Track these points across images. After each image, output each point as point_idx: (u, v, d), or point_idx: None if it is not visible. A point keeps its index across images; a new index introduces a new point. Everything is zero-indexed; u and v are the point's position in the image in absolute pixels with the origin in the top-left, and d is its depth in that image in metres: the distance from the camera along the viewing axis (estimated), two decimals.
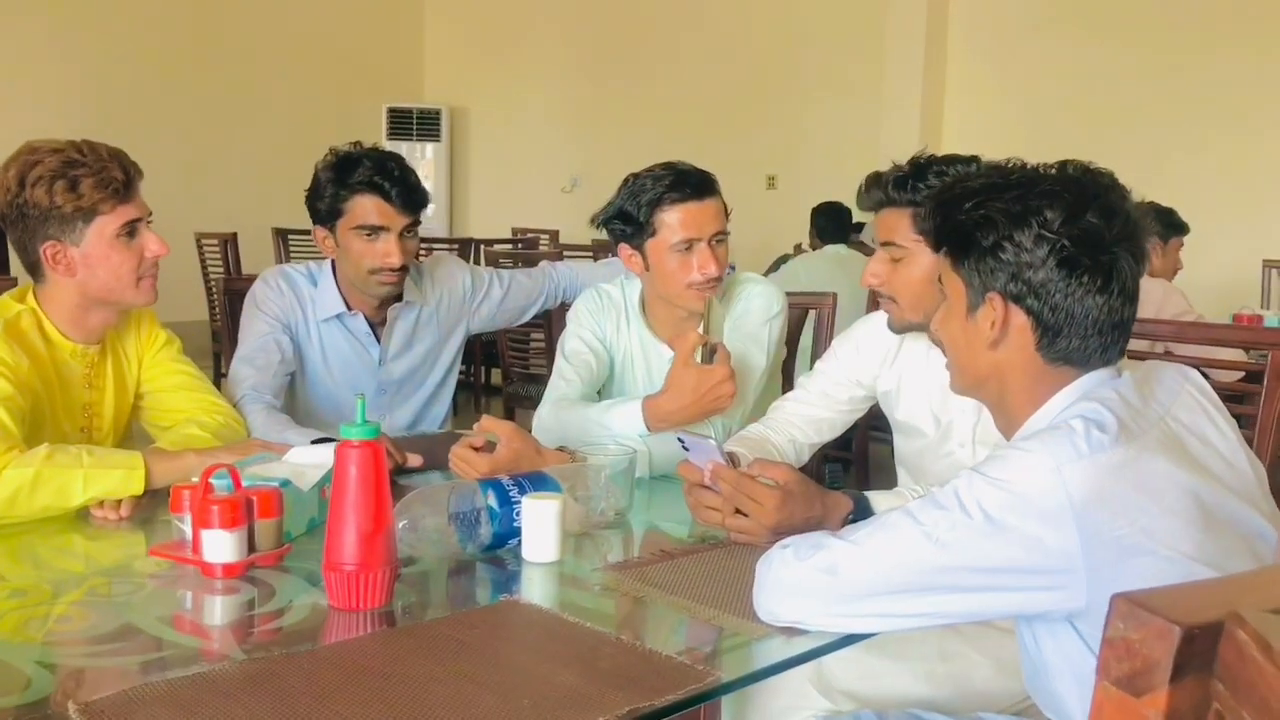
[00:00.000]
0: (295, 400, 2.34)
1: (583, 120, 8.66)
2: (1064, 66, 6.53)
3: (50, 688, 1.14)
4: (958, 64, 6.97)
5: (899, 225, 1.77)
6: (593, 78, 8.63)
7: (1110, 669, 0.57)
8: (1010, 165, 1.34)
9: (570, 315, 2.29)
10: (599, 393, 2.28)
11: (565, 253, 5.78)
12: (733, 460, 1.68)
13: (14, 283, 2.15)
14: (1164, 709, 0.55)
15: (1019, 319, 1.26)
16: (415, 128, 9.13)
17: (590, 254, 6.50)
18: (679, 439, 1.72)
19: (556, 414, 2.09)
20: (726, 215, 2.15)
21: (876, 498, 1.70)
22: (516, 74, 9.05)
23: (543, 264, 2.70)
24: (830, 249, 4.60)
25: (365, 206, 2.25)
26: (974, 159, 1.80)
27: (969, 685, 1.68)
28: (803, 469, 1.93)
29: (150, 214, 1.89)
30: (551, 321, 3.01)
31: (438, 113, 9.21)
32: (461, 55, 9.46)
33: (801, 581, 1.27)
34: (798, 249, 5.37)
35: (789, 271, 4.43)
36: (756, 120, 7.69)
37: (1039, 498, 1.14)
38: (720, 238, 2.12)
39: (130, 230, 1.84)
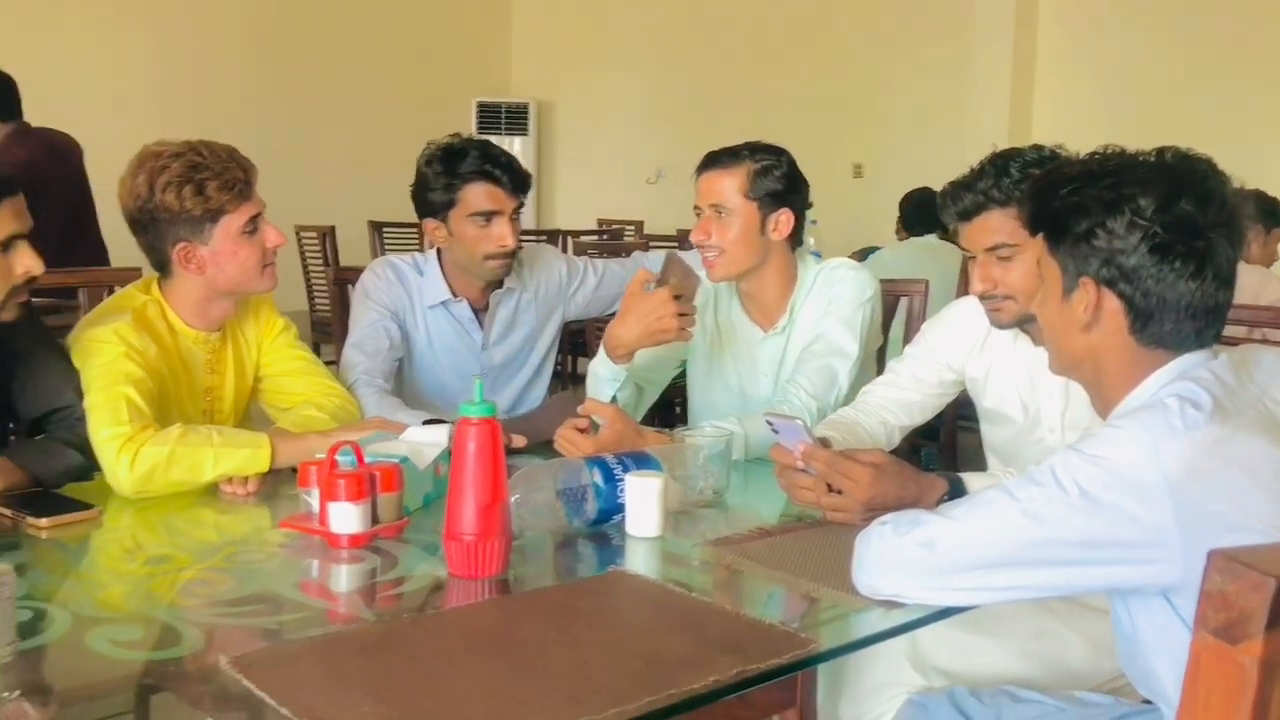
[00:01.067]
0: (403, 384, 2.43)
1: (667, 112, 8.70)
2: (1160, 49, 6.38)
3: (200, 643, 1.23)
4: (1048, 48, 6.86)
5: (1005, 224, 1.79)
6: (677, 69, 8.67)
7: (1208, 619, 0.61)
8: (1108, 152, 1.37)
9: None
10: (685, 368, 2.41)
11: (651, 243, 5.84)
12: (824, 444, 1.73)
13: (138, 273, 2.27)
14: (1259, 655, 0.59)
15: (1111, 303, 1.29)
16: (504, 122, 9.26)
17: (675, 244, 6.57)
18: (768, 421, 1.76)
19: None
20: (747, 189, 2.19)
21: (971, 479, 1.73)
22: (603, 67, 9.12)
23: (635, 254, 2.77)
24: (918, 239, 4.59)
25: (478, 194, 2.35)
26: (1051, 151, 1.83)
27: (1062, 664, 1.70)
28: (895, 453, 1.97)
29: (265, 206, 1.99)
30: None
31: (525, 106, 9.33)
32: (549, 49, 9.56)
33: (900, 556, 1.31)
34: (900, 234, 5.30)
35: (878, 260, 4.43)
36: (843, 108, 7.64)
37: (1134, 473, 1.17)
38: (717, 209, 2.20)
39: (252, 225, 1.94)
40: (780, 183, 2.20)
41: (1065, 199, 1.30)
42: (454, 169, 2.34)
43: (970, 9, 6.90)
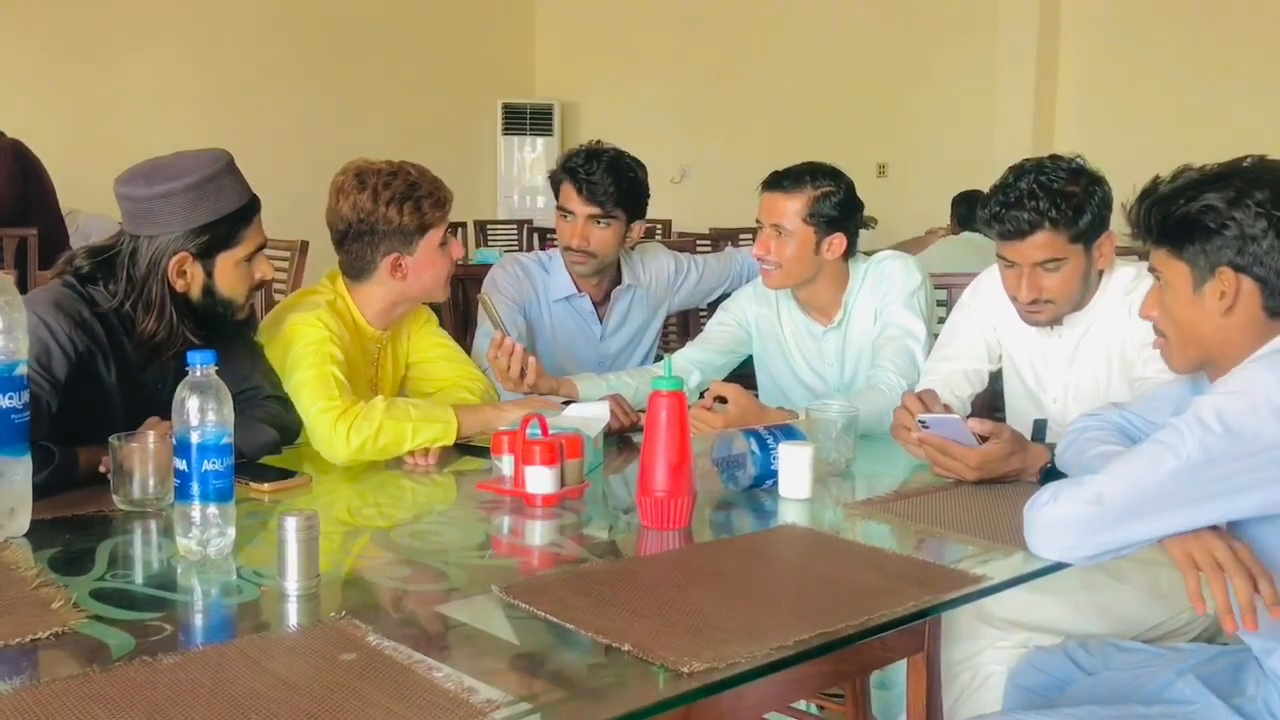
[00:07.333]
0: None
1: (691, 111, 8.88)
2: (1181, 49, 6.55)
3: (463, 578, 1.44)
4: (1071, 47, 7.04)
5: (1055, 240, 2.05)
6: (701, 68, 8.85)
7: None
8: (1200, 166, 1.58)
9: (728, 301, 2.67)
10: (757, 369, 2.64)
11: (681, 240, 6.02)
12: (946, 410, 1.96)
13: None
14: None
15: (1247, 285, 1.50)
16: (529, 123, 9.47)
17: (709, 242, 6.77)
18: (920, 421, 1.93)
19: None
20: (806, 214, 2.40)
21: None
22: (625, 68, 9.31)
23: (728, 249, 2.99)
24: (966, 235, 4.81)
25: (565, 191, 2.63)
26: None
27: (1114, 612, 1.92)
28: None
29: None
30: None
31: (550, 108, 9.54)
32: (571, 51, 9.76)
33: (1072, 513, 1.48)
34: (953, 230, 5.51)
35: (924, 258, 4.63)
36: (866, 108, 7.83)
37: (1270, 397, 1.37)
38: (777, 229, 2.40)
39: (444, 239, 2.16)
40: (836, 209, 2.41)
41: (1187, 205, 1.51)
42: (562, 163, 2.66)
43: (993, 8, 7.10)
